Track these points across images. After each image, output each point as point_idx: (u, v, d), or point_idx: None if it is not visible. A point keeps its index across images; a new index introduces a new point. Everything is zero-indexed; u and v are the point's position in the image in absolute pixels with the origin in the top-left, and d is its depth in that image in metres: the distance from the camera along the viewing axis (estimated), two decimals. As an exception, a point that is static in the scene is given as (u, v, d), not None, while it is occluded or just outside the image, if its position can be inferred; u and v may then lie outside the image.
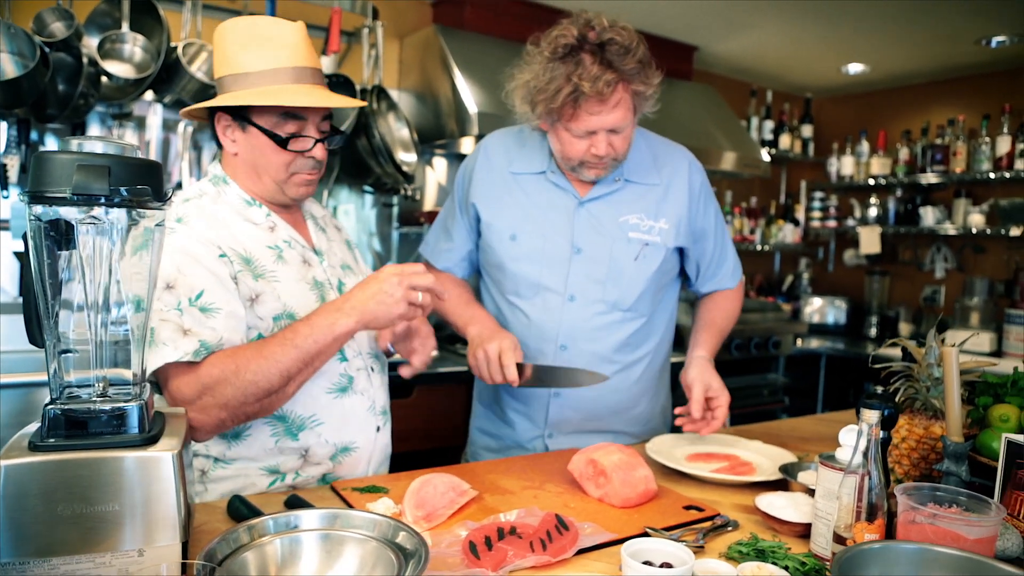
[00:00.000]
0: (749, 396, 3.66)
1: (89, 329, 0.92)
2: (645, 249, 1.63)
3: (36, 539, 0.85)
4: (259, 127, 1.31)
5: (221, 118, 1.34)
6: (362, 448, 1.43)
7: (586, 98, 1.42)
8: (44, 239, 0.89)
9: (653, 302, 1.70)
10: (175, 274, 1.22)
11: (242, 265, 1.30)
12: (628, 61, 1.42)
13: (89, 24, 2.47)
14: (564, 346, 1.64)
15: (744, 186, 4.66)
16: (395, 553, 0.89)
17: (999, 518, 0.97)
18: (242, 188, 1.38)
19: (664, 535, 1.15)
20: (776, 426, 2.04)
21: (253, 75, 1.29)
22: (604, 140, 1.50)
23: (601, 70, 1.40)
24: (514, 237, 1.66)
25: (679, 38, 3.83)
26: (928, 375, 1.38)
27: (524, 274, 1.65)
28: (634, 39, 1.44)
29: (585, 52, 1.42)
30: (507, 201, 1.67)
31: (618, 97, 1.44)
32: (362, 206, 3.29)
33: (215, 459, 1.34)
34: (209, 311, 1.22)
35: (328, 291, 1.42)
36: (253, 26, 1.31)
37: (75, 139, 0.90)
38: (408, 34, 3.31)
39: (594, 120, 1.46)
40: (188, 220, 1.29)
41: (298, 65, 1.31)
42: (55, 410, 0.89)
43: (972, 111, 4.07)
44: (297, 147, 1.33)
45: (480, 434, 1.82)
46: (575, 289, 1.63)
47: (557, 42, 1.44)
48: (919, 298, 4.38)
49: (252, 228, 1.36)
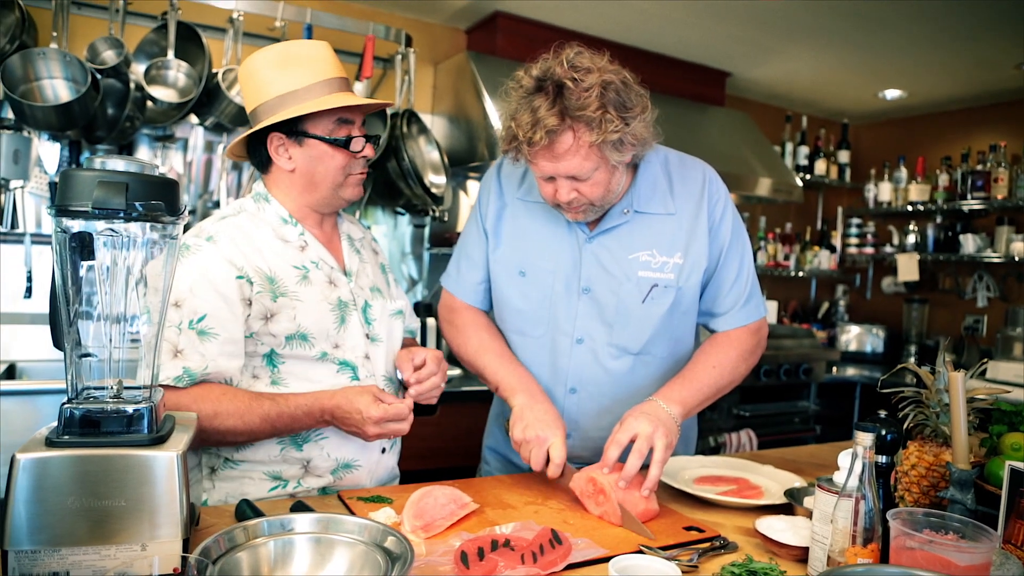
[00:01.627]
0: (779, 423, 3.61)
1: (105, 335, 0.99)
2: (654, 290, 1.52)
3: (48, 529, 0.91)
4: (317, 136, 1.40)
5: (274, 139, 1.40)
6: (364, 467, 1.47)
7: (532, 144, 1.32)
8: (68, 250, 0.96)
9: (670, 343, 1.58)
10: (186, 294, 1.30)
11: (263, 285, 1.37)
12: (583, 104, 1.28)
13: (138, 52, 2.62)
14: (574, 389, 1.58)
15: (779, 212, 4.62)
16: (383, 556, 0.92)
17: (991, 546, 0.96)
18: (283, 205, 1.45)
19: (658, 553, 1.16)
20: (795, 452, 2.01)
21: (299, 91, 1.37)
22: (566, 186, 1.39)
23: (547, 114, 1.29)
24: (523, 274, 1.59)
25: (711, 64, 3.85)
26: (938, 401, 1.36)
27: (532, 313, 1.59)
28: (596, 80, 1.29)
29: (541, 93, 1.32)
30: (516, 233, 1.61)
31: (566, 145, 1.32)
32: (395, 227, 3.37)
33: (224, 459, 1.41)
34: (207, 335, 1.30)
35: (351, 311, 1.47)
36: (283, 51, 1.40)
37: (98, 158, 0.97)
38: (442, 60, 3.41)
39: (545, 165, 1.37)
40: (217, 239, 1.36)
41: (332, 76, 1.41)
42: (71, 409, 0.95)
43: (1014, 137, 3.98)
44: (356, 147, 1.43)
45: (496, 457, 1.79)
46: (583, 331, 1.55)
47: (520, 79, 1.36)
48: (960, 327, 4.26)
49: (282, 246, 1.42)
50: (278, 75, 1.38)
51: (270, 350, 1.38)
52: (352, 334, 1.46)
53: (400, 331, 1.59)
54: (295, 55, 1.39)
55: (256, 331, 1.37)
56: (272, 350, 1.38)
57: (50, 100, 2.40)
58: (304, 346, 1.40)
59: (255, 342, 1.38)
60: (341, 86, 1.42)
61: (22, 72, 2.36)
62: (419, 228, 3.42)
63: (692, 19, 3.19)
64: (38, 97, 2.40)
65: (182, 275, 1.29)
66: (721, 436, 3.30)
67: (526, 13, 3.24)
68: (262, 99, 1.39)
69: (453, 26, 3.47)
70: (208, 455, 1.41)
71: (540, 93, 1.32)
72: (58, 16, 2.41)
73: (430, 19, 3.39)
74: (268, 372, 1.40)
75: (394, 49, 3.08)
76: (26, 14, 2.41)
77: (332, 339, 1.43)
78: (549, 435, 1.40)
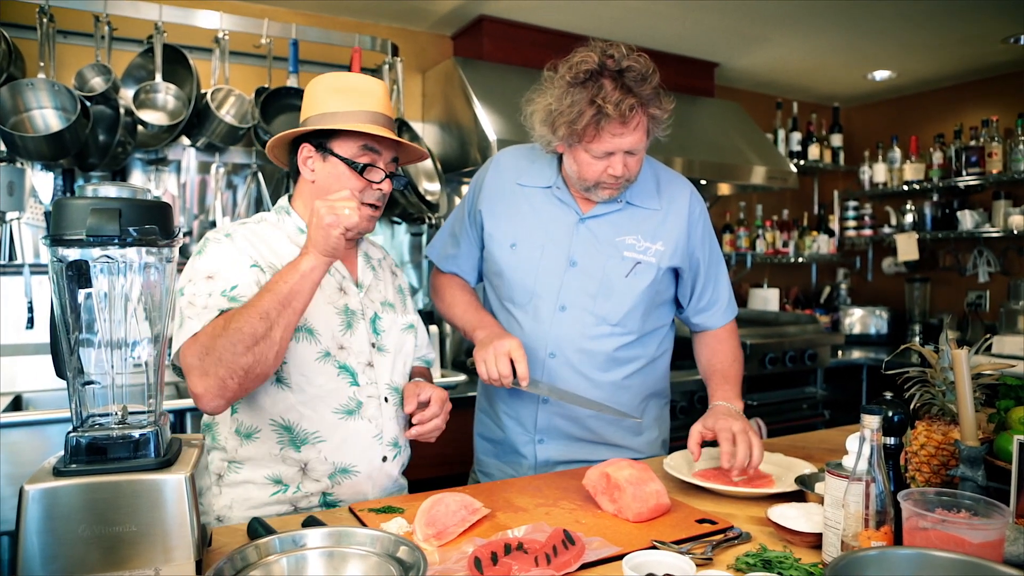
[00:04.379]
0: (787, 411, 3.59)
1: (107, 362, 0.99)
2: (637, 267, 1.67)
3: (60, 559, 0.91)
4: (339, 156, 1.46)
5: (304, 149, 1.49)
6: (363, 474, 1.47)
7: (609, 120, 1.48)
8: (65, 279, 0.96)
9: (643, 321, 1.72)
10: (219, 268, 1.37)
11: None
12: (645, 87, 1.49)
13: (126, 77, 2.63)
14: (553, 353, 1.68)
15: (775, 199, 4.62)
16: (396, 566, 0.92)
17: (1004, 521, 0.95)
18: (303, 219, 1.52)
19: (672, 548, 1.16)
20: (804, 438, 2.01)
21: (340, 114, 1.46)
22: (621, 161, 1.55)
23: (622, 95, 1.47)
24: (514, 246, 1.71)
25: (698, 55, 3.85)
26: (943, 379, 1.36)
27: (520, 281, 1.71)
28: (650, 67, 1.51)
29: (605, 78, 1.49)
30: (511, 212, 1.73)
31: (637, 120, 1.51)
32: (392, 236, 3.37)
33: (229, 461, 1.44)
34: (237, 301, 1.33)
35: (359, 320, 1.51)
36: (343, 78, 1.51)
37: (91, 185, 0.97)
38: (430, 67, 3.41)
39: (615, 141, 1.52)
40: (234, 236, 1.45)
41: (377, 110, 1.48)
42: (77, 438, 0.95)
43: (1006, 111, 3.98)
44: (371, 176, 1.47)
45: (481, 440, 1.87)
46: (567, 300, 1.67)
47: (578, 67, 1.50)
48: (963, 304, 4.25)
49: (295, 251, 1.47)
50: (329, 96, 1.47)
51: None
52: (358, 340, 1.50)
53: (411, 345, 1.64)
54: (350, 84, 1.49)
55: None
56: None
57: (41, 130, 2.40)
58: (310, 340, 1.43)
59: None
60: (383, 122, 1.49)
61: (11, 104, 2.37)
62: (416, 236, 3.42)
63: (677, 12, 3.20)
64: (29, 128, 2.40)
65: (210, 258, 1.38)
66: (730, 426, 3.29)
67: (511, 15, 3.24)
68: (311, 113, 1.49)
69: (439, 33, 3.48)
70: (214, 460, 1.44)
71: (604, 77, 1.49)
72: (44, 46, 2.41)
73: (415, 27, 3.40)
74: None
75: (381, 59, 3.08)
76: (12, 46, 2.42)
77: (338, 340, 1.47)
78: (505, 343, 1.54)
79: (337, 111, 1.46)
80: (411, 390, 1.53)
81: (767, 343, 3.46)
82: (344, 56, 3.02)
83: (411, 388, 1.54)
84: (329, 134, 1.47)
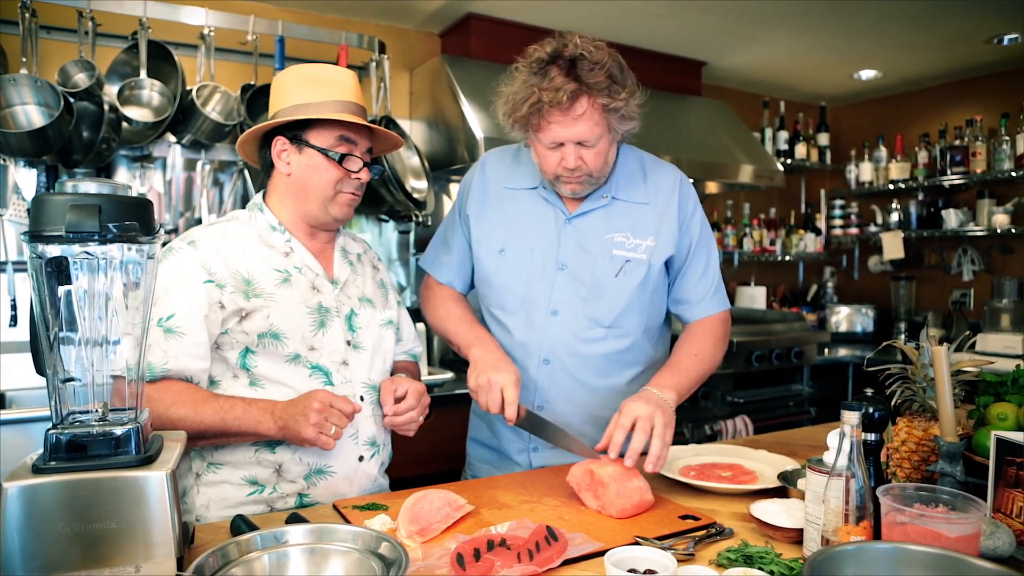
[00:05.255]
0: (774, 408, 3.61)
1: (87, 359, 0.98)
2: (626, 265, 1.63)
3: (40, 556, 0.90)
4: (315, 147, 1.45)
5: (278, 142, 1.47)
6: (340, 474, 1.47)
7: (548, 108, 1.44)
8: (44, 275, 0.96)
9: (638, 322, 1.66)
10: (159, 293, 1.36)
11: (237, 286, 1.41)
12: (596, 75, 1.44)
13: (110, 73, 2.60)
14: (547, 360, 1.64)
15: (762, 198, 4.64)
16: (377, 563, 0.92)
17: (980, 515, 0.97)
18: (277, 215, 1.52)
19: (654, 543, 1.16)
20: (788, 435, 2.03)
21: (312, 105, 1.45)
22: (573, 153, 1.50)
23: (564, 81, 1.43)
24: (502, 251, 1.68)
25: (686, 54, 3.86)
26: (924, 376, 1.37)
27: (510, 287, 1.67)
28: (605, 56, 1.47)
29: (555, 65, 1.46)
30: (498, 216, 1.70)
31: (582, 109, 1.46)
32: (380, 234, 3.37)
33: (208, 463, 1.44)
34: (173, 333, 1.35)
35: (333, 317, 1.50)
36: (312, 69, 1.50)
37: (70, 181, 0.96)
38: (417, 65, 3.41)
39: (559, 130, 1.48)
40: (198, 244, 1.43)
41: (350, 100, 1.48)
42: (56, 435, 0.95)
43: (990, 110, 4.01)
44: (349, 165, 1.47)
45: (475, 445, 1.84)
46: (559, 304, 1.64)
47: (531, 56, 1.49)
48: (948, 302, 4.29)
49: (266, 251, 1.48)
50: (300, 88, 1.46)
51: (244, 348, 1.41)
52: (331, 339, 1.49)
53: (391, 341, 1.63)
54: (320, 75, 1.48)
55: (230, 328, 1.41)
56: (246, 348, 1.42)
57: (23, 126, 2.38)
58: (276, 345, 1.43)
59: (230, 339, 1.41)
60: (356, 111, 1.49)
61: (-6, 100, 2.35)
62: (404, 234, 3.41)
63: (665, 11, 3.20)
64: (11, 124, 2.38)
65: (162, 273, 1.37)
66: (716, 424, 3.31)
67: (499, 14, 3.24)
68: (282, 105, 1.47)
69: (426, 30, 3.47)
70: (194, 459, 1.44)
71: (554, 65, 1.46)
72: (27, 41, 2.39)
73: (403, 24, 3.39)
74: (245, 373, 1.43)
75: (368, 57, 3.07)
76: (-5, 41, 2.40)
77: (308, 341, 1.46)
78: (501, 378, 1.47)
79: (310, 102, 1.45)
80: (387, 388, 1.52)
81: (754, 341, 3.48)
82: (331, 53, 3.01)
83: (387, 386, 1.52)
84: (304, 126, 1.45)
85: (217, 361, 1.42)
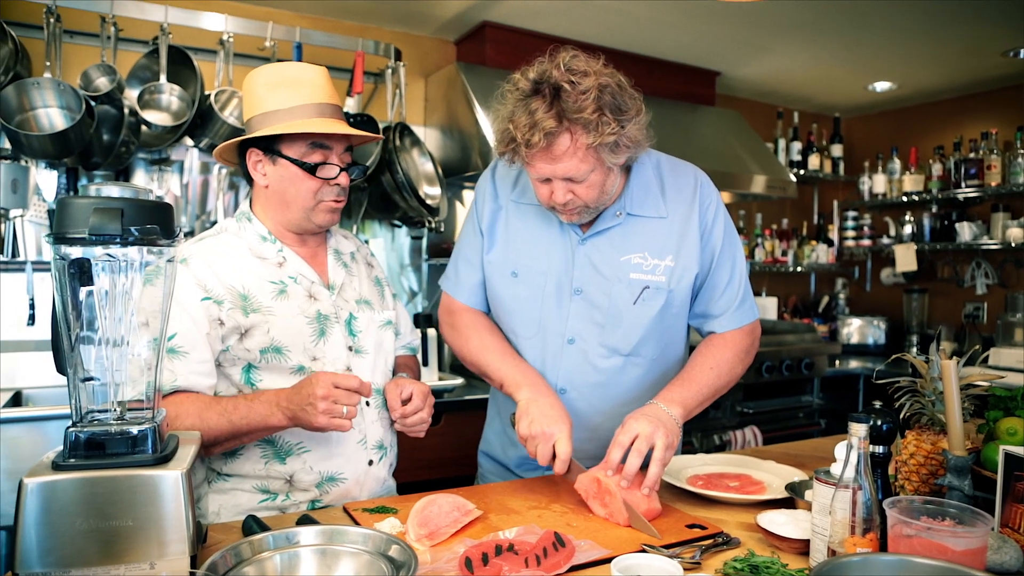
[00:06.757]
0: (783, 419, 3.61)
1: (107, 358, 1.01)
2: (646, 292, 1.52)
3: (57, 551, 0.92)
4: (288, 158, 1.42)
5: (252, 154, 1.45)
6: (351, 480, 1.48)
7: (524, 149, 1.34)
8: (67, 277, 0.98)
9: (659, 346, 1.58)
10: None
11: (235, 302, 1.40)
12: (581, 107, 1.29)
13: (131, 77, 2.65)
14: (564, 389, 1.57)
15: (774, 208, 4.64)
16: (387, 565, 0.94)
17: (986, 530, 0.97)
18: (264, 224, 1.49)
19: (661, 552, 1.17)
20: (797, 446, 2.03)
21: (282, 112, 1.41)
22: (562, 188, 1.40)
23: (544, 116, 1.30)
24: (515, 274, 1.59)
25: (700, 64, 3.87)
26: (933, 389, 1.37)
27: (524, 313, 1.59)
28: (593, 82, 1.30)
29: (538, 96, 1.32)
30: (509, 234, 1.61)
31: (563, 148, 1.33)
32: (392, 239, 3.39)
33: (217, 473, 1.44)
34: (176, 353, 1.34)
35: (332, 324, 1.49)
36: (279, 71, 1.45)
37: (93, 185, 0.99)
38: (433, 72, 3.44)
39: (543, 167, 1.37)
40: (190, 261, 1.41)
41: (321, 101, 1.43)
42: (76, 433, 0.97)
43: (1005, 124, 4.00)
44: (324, 174, 1.43)
45: (486, 458, 1.79)
46: (575, 332, 1.55)
47: (516, 84, 1.37)
48: (960, 315, 4.27)
49: (259, 264, 1.46)
50: (269, 93, 1.42)
51: (247, 364, 1.42)
52: (333, 346, 1.48)
53: (391, 341, 1.61)
54: (288, 77, 1.43)
55: (231, 346, 1.40)
56: (249, 364, 1.42)
57: (46, 129, 2.43)
58: (279, 359, 1.43)
59: (231, 357, 1.41)
60: (328, 112, 1.43)
61: (17, 102, 2.39)
62: (416, 240, 3.44)
63: (680, 21, 3.22)
64: (34, 126, 2.43)
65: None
66: (726, 434, 3.30)
67: (514, 22, 3.27)
68: (252, 113, 1.44)
69: (442, 38, 3.50)
70: (206, 471, 1.45)
71: (537, 96, 1.33)
72: (51, 45, 2.44)
73: (419, 32, 3.43)
74: (250, 388, 1.43)
75: (384, 63, 3.11)
76: (19, 45, 2.44)
77: (310, 352, 1.45)
78: (555, 430, 1.39)
79: (279, 108, 1.40)
80: (392, 391, 1.50)
81: (765, 351, 3.47)
82: (348, 59, 3.04)
83: (392, 389, 1.51)
84: (277, 136, 1.40)
85: (220, 378, 1.42)
